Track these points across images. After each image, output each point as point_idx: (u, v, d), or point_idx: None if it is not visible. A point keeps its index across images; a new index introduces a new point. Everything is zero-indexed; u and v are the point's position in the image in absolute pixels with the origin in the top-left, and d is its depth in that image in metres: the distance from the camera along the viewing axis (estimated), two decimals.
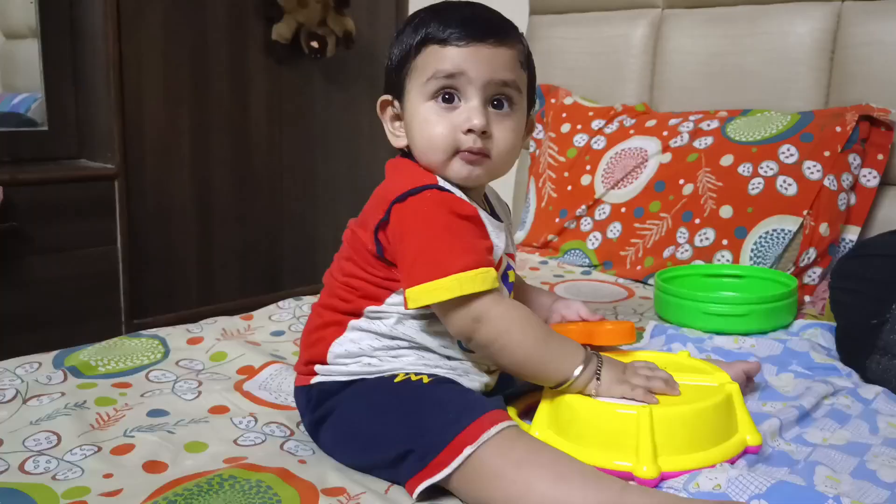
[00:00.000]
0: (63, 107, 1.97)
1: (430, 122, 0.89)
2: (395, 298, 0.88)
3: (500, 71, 0.88)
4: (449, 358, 0.90)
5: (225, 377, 1.12)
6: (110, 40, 1.88)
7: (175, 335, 1.27)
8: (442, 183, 0.89)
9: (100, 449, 0.88)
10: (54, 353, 1.17)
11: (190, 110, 2.09)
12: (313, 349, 0.93)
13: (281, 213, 2.34)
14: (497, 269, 0.88)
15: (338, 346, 0.91)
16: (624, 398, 0.85)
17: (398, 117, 0.94)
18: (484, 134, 0.88)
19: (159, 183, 2.05)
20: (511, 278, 0.97)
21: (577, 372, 0.84)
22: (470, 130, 0.87)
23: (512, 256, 0.99)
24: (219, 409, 1.01)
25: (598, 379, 0.85)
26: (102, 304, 1.93)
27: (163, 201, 2.06)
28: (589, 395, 0.86)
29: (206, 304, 2.13)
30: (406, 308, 0.86)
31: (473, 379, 0.91)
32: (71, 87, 1.97)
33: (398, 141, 0.95)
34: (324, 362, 0.91)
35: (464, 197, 0.89)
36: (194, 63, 2.09)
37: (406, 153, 0.95)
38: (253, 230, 2.27)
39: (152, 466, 0.85)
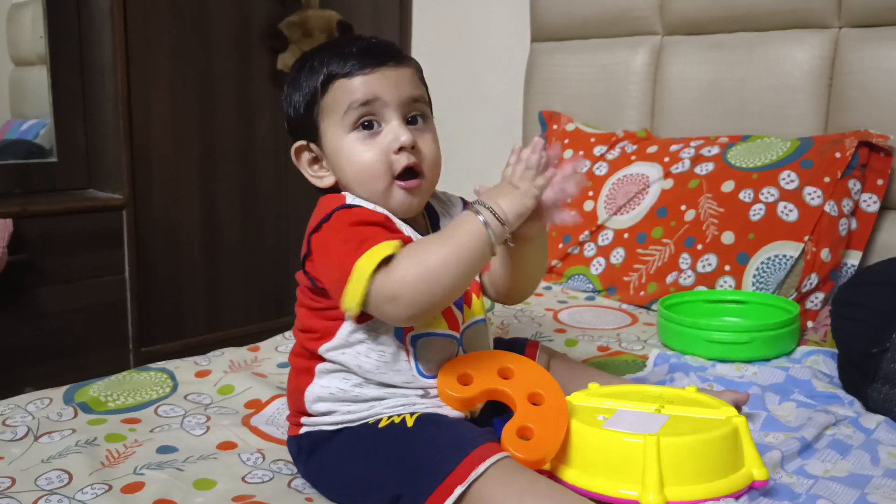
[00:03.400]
0: (72, 138, 1.99)
1: (358, 151, 0.90)
2: (345, 329, 0.90)
3: (408, 88, 0.91)
4: (424, 394, 0.91)
5: (233, 411, 1.13)
6: (119, 72, 1.91)
7: (183, 368, 1.28)
8: (350, 200, 0.90)
9: (111, 487, 0.90)
10: (64, 388, 1.18)
11: (197, 140, 2.12)
12: (294, 400, 0.95)
13: (287, 240, 2.36)
14: None
15: (310, 394, 0.92)
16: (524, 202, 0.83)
17: (317, 160, 0.96)
18: (413, 149, 0.90)
19: (167, 212, 2.07)
20: None
21: (486, 224, 0.82)
22: (401, 149, 0.89)
23: None
24: (227, 445, 1.02)
25: (496, 214, 0.82)
26: (111, 332, 1.95)
27: (170, 230, 2.08)
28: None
29: (213, 331, 2.15)
30: (352, 320, 0.87)
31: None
32: (80, 119, 2.00)
33: (323, 182, 0.95)
34: (306, 412, 0.93)
35: (376, 208, 0.90)
36: (201, 94, 2.12)
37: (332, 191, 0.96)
38: (260, 258, 2.29)
39: None
